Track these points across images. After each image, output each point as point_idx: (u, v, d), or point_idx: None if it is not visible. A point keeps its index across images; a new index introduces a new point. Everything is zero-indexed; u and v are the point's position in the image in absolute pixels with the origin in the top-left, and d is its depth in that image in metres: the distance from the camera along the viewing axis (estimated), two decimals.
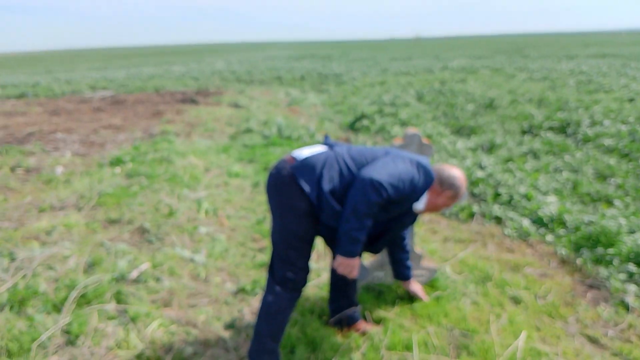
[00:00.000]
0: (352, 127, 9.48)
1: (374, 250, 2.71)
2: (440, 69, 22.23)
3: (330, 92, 15.13)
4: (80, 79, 22.14)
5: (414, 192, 2.45)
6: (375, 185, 2.25)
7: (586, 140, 7.45)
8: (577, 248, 4.08)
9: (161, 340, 2.82)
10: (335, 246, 2.42)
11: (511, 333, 2.95)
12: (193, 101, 13.34)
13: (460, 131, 8.65)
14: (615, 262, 3.72)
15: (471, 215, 4.93)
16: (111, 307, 3.06)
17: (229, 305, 3.22)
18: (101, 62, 45.22)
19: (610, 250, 3.82)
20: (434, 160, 6.13)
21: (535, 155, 6.79)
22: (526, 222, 4.63)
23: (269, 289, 2.49)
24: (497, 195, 5.26)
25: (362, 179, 2.28)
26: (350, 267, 2.41)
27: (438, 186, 2.56)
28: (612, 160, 6.32)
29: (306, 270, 2.50)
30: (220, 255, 3.86)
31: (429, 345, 2.80)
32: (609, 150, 6.86)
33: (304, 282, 2.51)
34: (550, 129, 8.30)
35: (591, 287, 3.59)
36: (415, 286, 3.24)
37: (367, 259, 3.47)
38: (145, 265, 3.51)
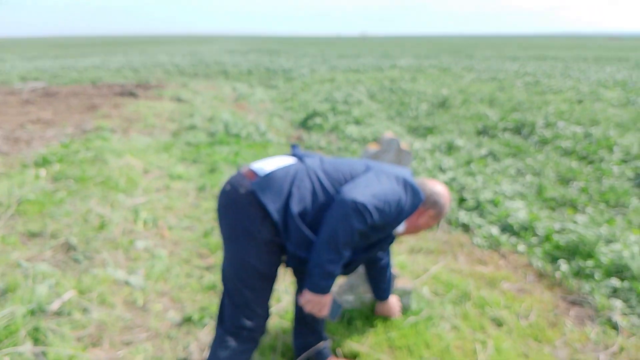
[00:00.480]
0: (304, 124, 9.03)
1: (345, 272, 2.27)
2: (389, 67, 22.14)
3: (279, 88, 14.61)
4: (11, 69, 20.54)
5: (400, 215, 2.03)
6: (359, 209, 1.82)
7: (543, 142, 7.33)
8: (553, 259, 3.81)
9: None
10: (304, 279, 1.96)
11: None
12: (132, 94, 12.47)
13: (416, 131, 8.38)
14: (597, 275, 3.46)
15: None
16: (26, 348, 2.46)
17: (172, 341, 2.69)
18: (34, 51, 42.54)
19: (590, 263, 3.56)
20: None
21: (495, 157, 6.57)
22: (495, 230, 4.34)
23: (218, 341, 1.98)
24: (462, 200, 4.97)
25: (342, 201, 1.83)
26: (321, 305, 1.97)
27: (420, 205, 2.16)
28: (572, 163, 6.18)
29: (265, 314, 2.03)
30: (161, 276, 3.30)
31: None
32: (567, 153, 6.75)
33: (262, 330, 2.03)
34: (506, 129, 8.16)
35: (574, 303, 3.31)
36: (388, 306, 2.87)
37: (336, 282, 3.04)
38: (69, 294, 2.91)
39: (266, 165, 1.99)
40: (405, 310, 3.00)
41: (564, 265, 3.64)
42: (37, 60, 28.14)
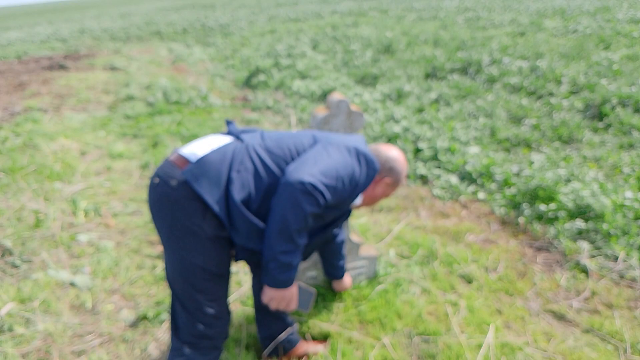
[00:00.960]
0: (248, 83, 8.64)
1: (303, 258, 2.08)
2: (329, 13, 21.53)
3: (218, 45, 13.96)
4: None
5: (355, 189, 1.83)
6: (308, 191, 1.60)
7: (491, 80, 7.25)
8: (515, 205, 3.76)
9: None
10: (262, 275, 1.76)
11: (475, 326, 2.52)
12: (62, 67, 11.60)
13: (364, 80, 8.14)
14: (561, 218, 3.42)
15: None
16: None
17: (128, 344, 2.48)
18: None
19: (552, 205, 3.51)
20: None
21: (446, 101, 6.46)
22: (454, 179, 4.26)
23: (175, 352, 1.77)
24: (418, 151, 4.84)
25: (289, 183, 1.61)
26: (286, 299, 1.78)
27: (376, 174, 1.97)
28: (522, 100, 6.13)
29: (225, 317, 1.82)
30: (110, 272, 3.04)
31: None
32: (516, 90, 6.70)
33: (224, 334, 1.83)
34: (454, 70, 8.04)
35: (540, 249, 3.28)
36: (344, 283, 2.72)
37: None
38: (8, 306, 2.62)
39: (198, 148, 1.73)
40: (373, 278, 2.88)
41: (527, 210, 3.59)
42: None
